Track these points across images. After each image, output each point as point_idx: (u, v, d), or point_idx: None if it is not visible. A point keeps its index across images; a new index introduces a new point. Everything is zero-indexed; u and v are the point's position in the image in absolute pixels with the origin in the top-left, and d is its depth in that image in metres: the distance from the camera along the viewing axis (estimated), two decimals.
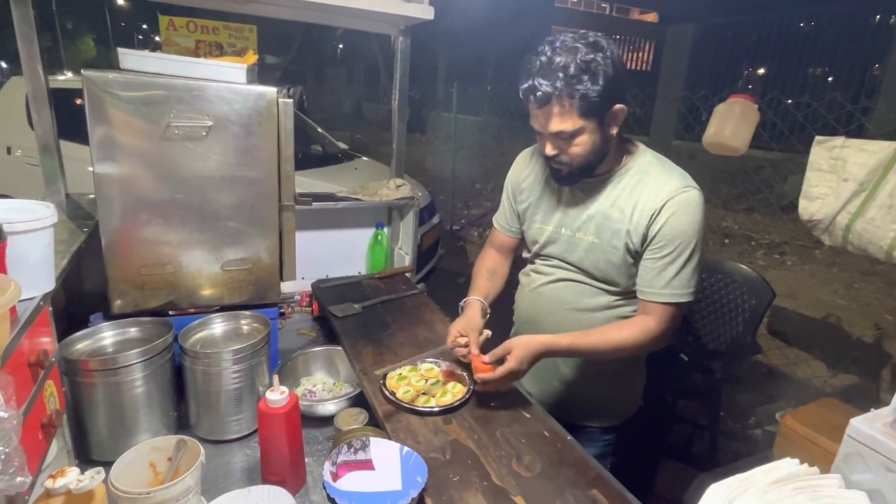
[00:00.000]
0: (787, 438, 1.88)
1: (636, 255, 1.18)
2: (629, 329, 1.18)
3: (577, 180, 1.20)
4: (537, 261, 1.36)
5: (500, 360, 1.14)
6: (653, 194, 1.14)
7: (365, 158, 4.71)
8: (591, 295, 1.26)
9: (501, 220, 1.45)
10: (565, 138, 1.10)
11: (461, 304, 1.37)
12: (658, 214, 1.12)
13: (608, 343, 1.17)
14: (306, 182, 3.62)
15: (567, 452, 1.06)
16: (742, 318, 2.16)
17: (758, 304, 2.12)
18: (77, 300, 1.39)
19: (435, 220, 4.20)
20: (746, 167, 4.80)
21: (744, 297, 2.18)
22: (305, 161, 4.17)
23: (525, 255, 1.43)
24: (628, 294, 1.24)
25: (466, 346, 1.23)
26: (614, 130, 1.13)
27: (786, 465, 0.70)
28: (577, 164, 1.14)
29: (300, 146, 4.52)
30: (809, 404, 1.98)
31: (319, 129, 5.02)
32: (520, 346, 1.13)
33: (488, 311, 1.34)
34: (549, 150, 1.14)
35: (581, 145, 1.11)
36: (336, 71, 18.35)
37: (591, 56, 1.03)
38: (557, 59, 1.04)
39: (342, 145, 4.95)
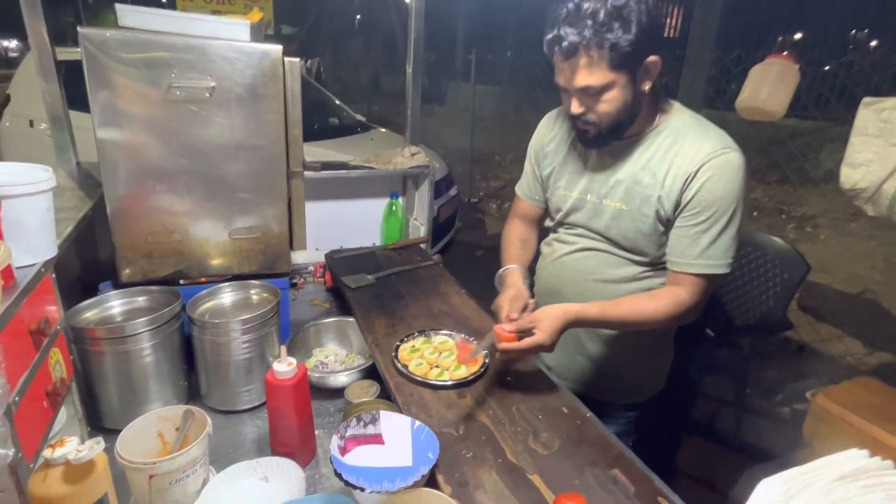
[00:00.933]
0: (818, 418, 1.80)
1: (667, 224, 1.09)
2: (661, 299, 1.10)
3: (605, 142, 1.10)
4: (560, 229, 1.28)
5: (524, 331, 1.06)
6: (688, 157, 1.04)
7: (382, 129, 4.64)
8: (618, 265, 1.19)
9: (525, 189, 1.36)
10: (593, 94, 1.01)
11: (498, 274, 1.25)
12: (693, 179, 1.03)
13: (638, 314, 1.10)
14: (322, 153, 3.57)
15: (587, 430, 1.01)
16: (773, 292, 2.07)
17: (790, 277, 2.02)
18: (92, 269, 1.38)
19: (452, 192, 4.13)
20: (781, 136, 4.56)
21: (775, 271, 2.07)
22: (322, 132, 4.12)
23: (548, 223, 1.34)
24: (657, 265, 1.17)
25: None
26: (647, 86, 1.03)
27: (853, 458, 0.61)
28: (605, 124, 1.05)
29: (317, 117, 4.50)
30: (843, 382, 1.88)
31: (337, 101, 4.94)
32: (547, 318, 1.04)
33: (528, 278, 1.25)
34: (576, 107, 1.05)
35: (610, 102, 1.01)
36: (354, 42, 18.02)
37: (624, 1, 0.93)
38: (586, 6, 0.94)
39: (359, 117, 4.88)
